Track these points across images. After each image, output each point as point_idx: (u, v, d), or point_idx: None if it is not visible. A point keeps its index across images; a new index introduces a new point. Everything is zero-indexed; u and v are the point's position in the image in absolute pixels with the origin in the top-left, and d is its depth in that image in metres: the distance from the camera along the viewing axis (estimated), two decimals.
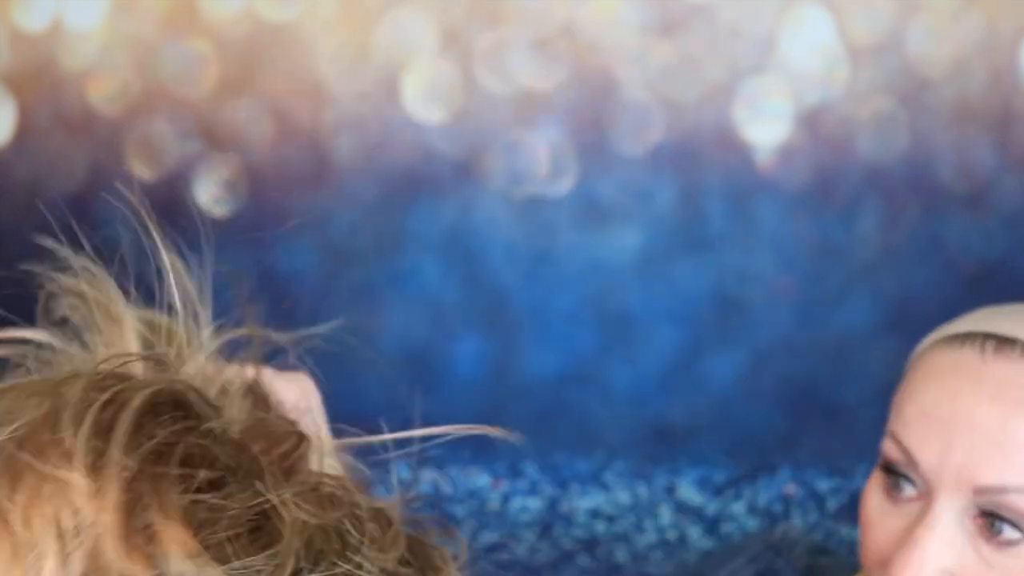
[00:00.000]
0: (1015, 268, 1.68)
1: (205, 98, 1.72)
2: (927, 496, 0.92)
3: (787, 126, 1.69)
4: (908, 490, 0.92)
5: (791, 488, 1.63)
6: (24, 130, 1.68)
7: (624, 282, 1.68)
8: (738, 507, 1.64)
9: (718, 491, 1.65)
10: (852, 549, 1.63)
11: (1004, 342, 0.92)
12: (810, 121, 1.69)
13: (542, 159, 1.70)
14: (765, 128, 1.69)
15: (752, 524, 1.64)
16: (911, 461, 0.92)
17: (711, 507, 1.65)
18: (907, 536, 0.91)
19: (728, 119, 1.69)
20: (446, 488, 1.67)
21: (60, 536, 0.41)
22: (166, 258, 0.50)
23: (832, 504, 1.64)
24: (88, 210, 0.61)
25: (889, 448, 0.94)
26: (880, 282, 1.70)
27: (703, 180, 1.70)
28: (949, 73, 1.68)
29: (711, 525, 1.65)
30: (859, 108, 1.69)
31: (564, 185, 1.69)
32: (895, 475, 0.94)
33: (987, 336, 0.93)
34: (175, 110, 1.71)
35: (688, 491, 1.65)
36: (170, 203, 1.76)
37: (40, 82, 1.67)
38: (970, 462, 0.90)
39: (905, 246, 1.69)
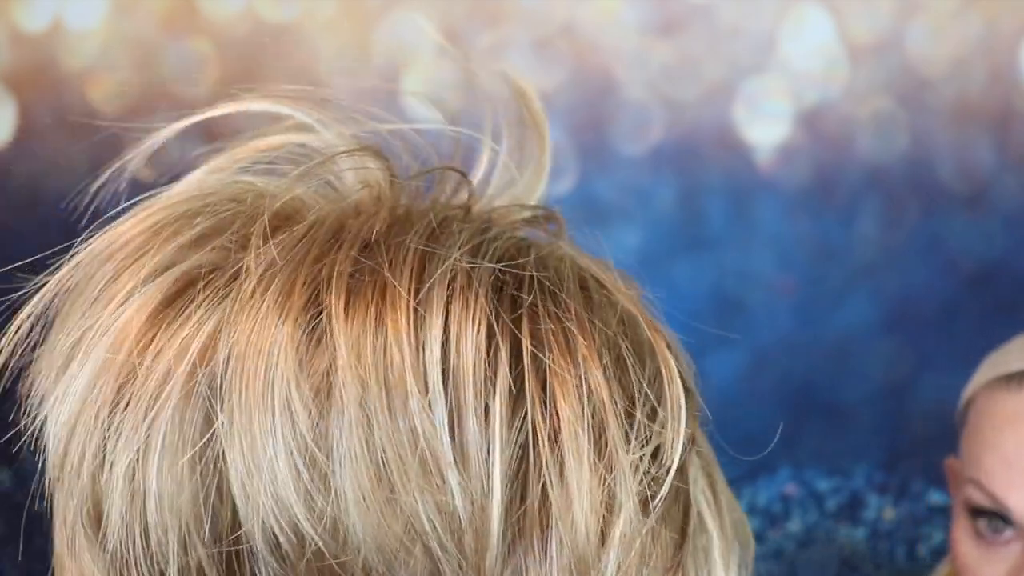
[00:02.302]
0: (1015, 268, 1.68)
1: (205, 98, 1.72)
2: None
3: (787, 126, 1.69)
4: (1003, 532, 0.95)
5: (791, 488, 1.63)
6: (24, 130, 1.68)
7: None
8: None
9: None
10: (855, 550, 1.63)
11: None
12: (810, 121, 1.69)
13: None
14: (765, 128, 1.69)
15: (752, 524, 1.64)
16: (1003, 507, 0.94)
17: None
18: None
19: (728, 119, 1.69)
20: None
21: None
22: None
23: (831, 504, 1.64)
24: (88, 209, 0.61)
25: (976, 495, 0.96)
26: (880, 282, 1.70)
27: (703, 180, 1.70)
28: (949, 73, 1.68)
29: None
30: (859, 108, 1.69)
31: (564, 185, 1.69)
32: (984, 517, 0.96)
33: None
34: (175, 110, 1.71)
35: None
36: None
37: (40, 82, 1.67)
38: None
39: (905, 246, 1.69)
